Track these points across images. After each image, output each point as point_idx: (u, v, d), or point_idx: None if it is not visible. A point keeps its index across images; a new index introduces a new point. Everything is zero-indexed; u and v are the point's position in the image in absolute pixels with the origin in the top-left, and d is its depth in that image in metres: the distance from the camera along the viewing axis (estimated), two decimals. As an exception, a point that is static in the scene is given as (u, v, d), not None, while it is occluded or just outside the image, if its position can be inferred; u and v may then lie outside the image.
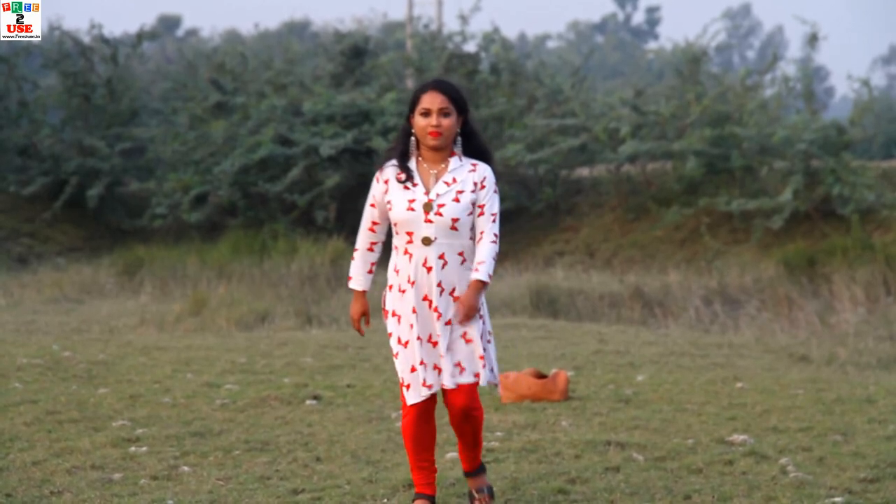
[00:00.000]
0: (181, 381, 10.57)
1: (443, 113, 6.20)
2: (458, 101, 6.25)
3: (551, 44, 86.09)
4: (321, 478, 7.20)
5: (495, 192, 6.26)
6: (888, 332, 14.57)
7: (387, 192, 6.24)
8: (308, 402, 9.65)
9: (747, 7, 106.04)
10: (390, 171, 6.27)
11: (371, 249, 6.34)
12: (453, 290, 6.18)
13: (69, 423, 8.65)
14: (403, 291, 6.19)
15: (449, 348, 6.17)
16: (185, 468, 7.38)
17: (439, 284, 6.14)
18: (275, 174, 25.46)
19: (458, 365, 6.18)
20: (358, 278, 6.36)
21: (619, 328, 15.16)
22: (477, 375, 6.23)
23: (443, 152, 6.27)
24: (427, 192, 6.17)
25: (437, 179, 6.22)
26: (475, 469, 6.51)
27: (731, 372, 11.27)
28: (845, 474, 7.23)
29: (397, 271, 6.23)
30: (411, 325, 6.16)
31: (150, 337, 14.07)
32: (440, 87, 6.25)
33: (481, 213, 6.19)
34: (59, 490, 6.90)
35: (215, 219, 26.01)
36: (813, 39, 24.29)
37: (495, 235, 6.20)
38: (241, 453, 7.80)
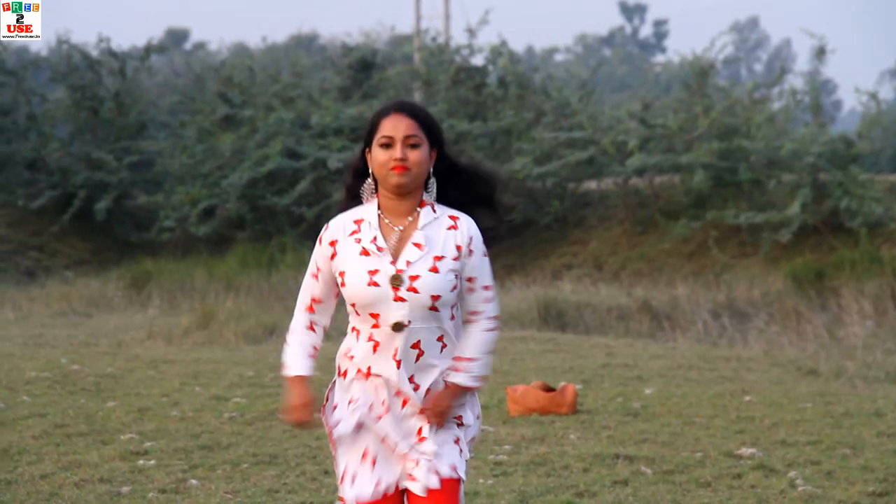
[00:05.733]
0: (189, 395, 10.58)
1: (410, 143, 4.55)
2: (430, 128, 4.61)
3: (559, 57, 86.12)
4: (329, 491, 7.20)
5: (485, 255, 4.62)
6: (897, 345, 14.56)
7: (334, 257, 4.60)
8: (316, 415, 9.64)
9: (755, 20, 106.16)
10: (339, 226, 4.63)
11: (312, 329, 4.74)
12: (432, 389, 4.59)
13: (77, 437, 8.66)
14: (367, 376, 4.61)
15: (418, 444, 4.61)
16: (194, 481, 7.38)
17: (411, 379, 4.55)
18: (283, 187, 25.50)
19: (431, 465, 4.56)
20: (295, 361, 4.68)
21: (627, 341, 15.15)
22: (454, 468, 4.55)
23: (410, 199, 4.59)
24: (394, 261, 4.52)
25: (404, 240, 4.57)
26: None
27: (740, 385, 11.26)
28: (854, 488, 7.22)
29: (351, 357, 4.64)
30: (378, 417, 4.61)
31: (158, 350, 14.08)
32: (405, 108, 4.62)
33: (471, 290, 4.61)
34: (67, 503, 6.91)
35: (223, 232, 26.03)
36: (820, 53, 24.29)
37: (492, 321, 4.65)
38: (250, 466, 7.80)
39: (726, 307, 17.77)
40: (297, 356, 4.67)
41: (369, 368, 4.56)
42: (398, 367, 4.52)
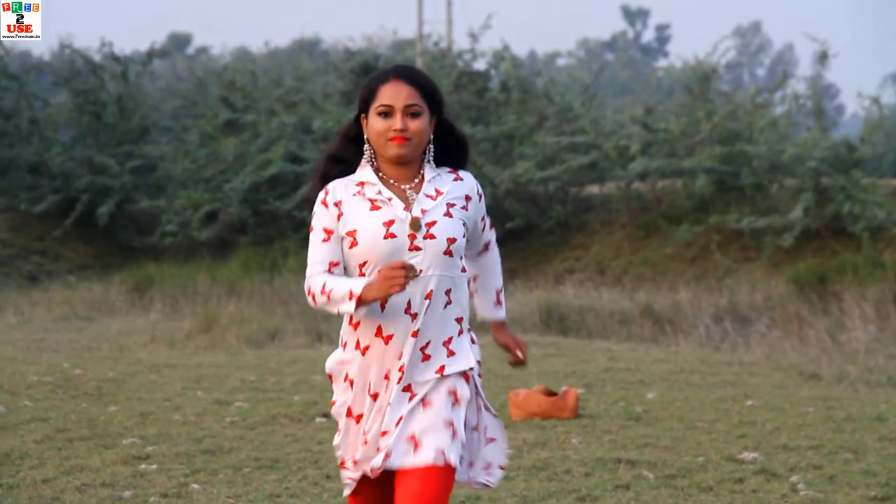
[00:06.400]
0: (191, 399, 10.57)
1: (411, 112, 4.37)
2: (431, 96, 4.42)
3: (561, 61, 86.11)
4: (331, 496, 7.19)
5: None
6: (899, 349, 14.55)
7: (341, 217, 4.41)
8: (318, 419, 9.64)
9: (757, 25, 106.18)
10: (340, 188, 4.47)
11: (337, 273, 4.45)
12: (427, 344, 4.39)
13: (79, 441, 8.65)
14: (367, 349, 4.41)
15: (404, 418, 4.37)
16: (195, 486, 7.38)
17: (414, 334, 4.35)
18: (285, 191, 25.53)
19: (411, 438, 4.34)
20: (353, 284, 4.30)
21: (630, 346, 15.15)
22: (441, 452, 4.30)
23: (410, 167, 4.46)
24: (408, 207, 4.40)
25: (416, 192, 4.44)
26: None
27: (742, 390, 11.25)
28: (856, 492, 7.21)
29: (356, 326, 4.43)
30: (375, 396, 4.42)
31: (161, 354, 14.08)
32: (405, 75, 4.41)
33: (484, 228, 4.59)
34: (69, 508, 6.91)
35: (226, 236, 26.06)
36: (823, 57, 24.29)
37: (496, 244, 4.70)
38: (251, 471, 7.79)
39: (728, 311, 17.77)
40: (346, 280, 4.34)
41: (380, 330, 4.36)
42: (413, 320, 4.34)
